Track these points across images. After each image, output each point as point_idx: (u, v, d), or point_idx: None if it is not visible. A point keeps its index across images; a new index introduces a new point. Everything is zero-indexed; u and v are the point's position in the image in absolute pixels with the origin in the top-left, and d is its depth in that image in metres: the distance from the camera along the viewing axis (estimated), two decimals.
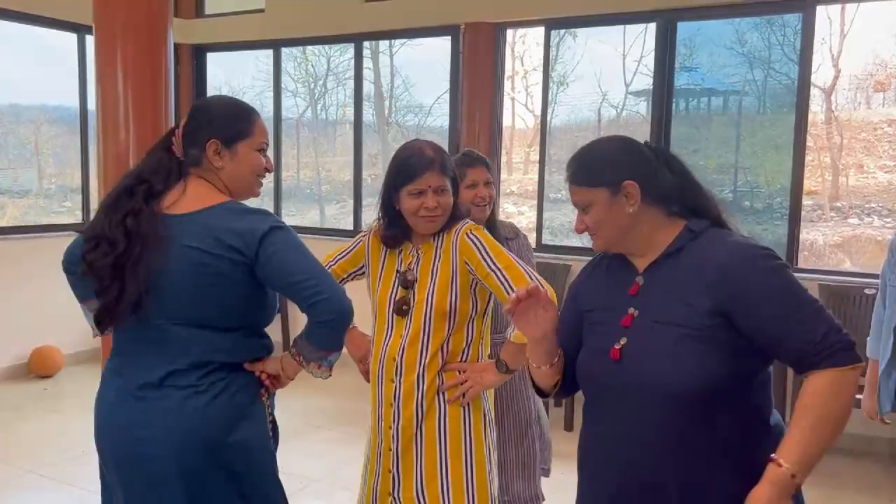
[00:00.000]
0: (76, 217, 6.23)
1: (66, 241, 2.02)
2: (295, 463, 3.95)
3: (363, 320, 2.24)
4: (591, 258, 1.74)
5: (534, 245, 5.74)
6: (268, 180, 7.25)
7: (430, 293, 2.07)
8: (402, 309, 2.11)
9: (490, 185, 2.66)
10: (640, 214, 1.52)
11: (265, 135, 1.90)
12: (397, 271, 2.16)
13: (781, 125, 5.05)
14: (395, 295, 2.13)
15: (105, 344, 3.10)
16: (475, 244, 2.08)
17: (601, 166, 1.56)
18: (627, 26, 5.91)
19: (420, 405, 2.08)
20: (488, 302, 2.17)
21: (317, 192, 7.90)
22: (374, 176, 6.74)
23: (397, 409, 2.10)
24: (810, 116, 4.93)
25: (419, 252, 2.14)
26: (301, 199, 7.67)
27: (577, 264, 5.09)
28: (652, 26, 5.15)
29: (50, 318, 5.57)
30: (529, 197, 7.50)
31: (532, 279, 2.00)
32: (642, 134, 5.43)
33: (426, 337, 2.08)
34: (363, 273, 2.28)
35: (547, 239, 5.68)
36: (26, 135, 6.72)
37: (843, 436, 4.35)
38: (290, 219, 6.91)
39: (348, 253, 2.28)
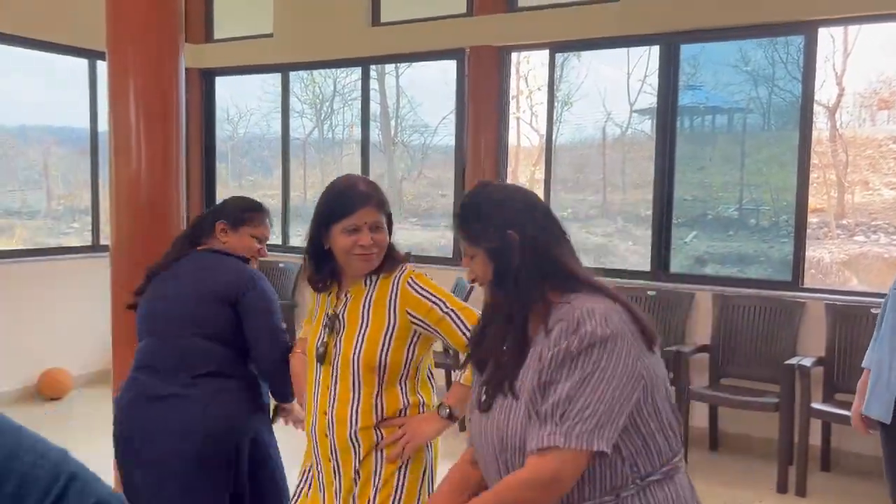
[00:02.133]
0: (85, 238, 6.27)
1: (76, 263, 2.09)
2: None
3: None
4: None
5: None
6: (275, 200, 7.34)
7: (357, 345, 1.90)
8: (321, 353, 1.95)
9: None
10: None
11: None
12: (325, 314, 2.00)
13: (786, 142, 5.06)
14: (322, 340, 1.97)
15: (116, 364, 3.13)
16: (419, 292, 1.91)
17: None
18: (631, 45, 5.94)
19: (357, 462, 1.93)
20: (424, 356, 1.99)
21: None
22: None
23: (336, 464, 1.95)
24: (815, 134, 4.95)
25: (347, 295, 1.97)
26: (308, 219, 7.68)
27: None
28: (656, 47, 5.20)
29: (59, 339, 5.60)
30: None
31: None
32: (647, 152, 5.45)
33: (356, 392, 1.91)
34: None
35: None
36: (35, 156, 6.77)
37: (858, 457, 4.32)
38: (297, 238, 6.94)
39: (308, 313, 2.16)
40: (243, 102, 7.46)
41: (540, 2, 5.51)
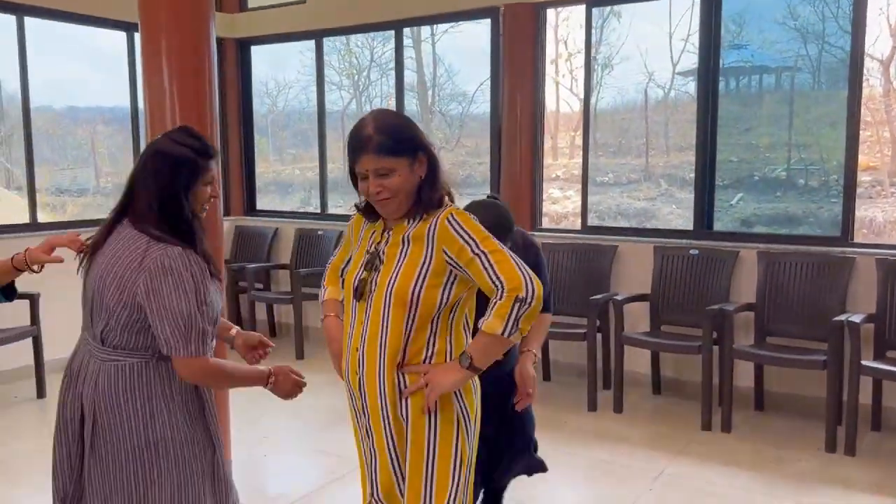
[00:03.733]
0: None
1: None
2: (344, 446, 4.01)
3: None
4: (637, 238, 1.62)
5: (579, 227, 5.70)
6: (314, 172, 7.35)
7: (392, 279, 1.85)
8: (359, 291, 1.92)
9: None
10: None
11: None
12: (366, 251, 1.97)
13: (837, 101, 4.88)
14: (360, 276, 1.94)
15: None
16: (455, 229, 1.83)
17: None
18: (673, 2, 5.78)
19: (384, 404, 1.90)
20: (461, 297, 1.90)
21: None
22: None
23: (364, 401, 1.94)
24: (868, 90, 4.77)
25: (389, 232, 1.93)
26: (347, 190, 7.73)
27: (624, 245, 5.04)
28: (697, 1, 5.04)
29: None
30: (575, 181, 7.44)
31: (519, 268, 1.79)
32: (691, 114, 5.31)
33: (385, 328, 1.86)
34: None
35: (594, 222, 5.61)
36: (83, 135, 6.94)
37: None
38: (337, 209, 7.00)
39: (342, 241, 2.17)
40: (282, 76, 7.51)
41: None
